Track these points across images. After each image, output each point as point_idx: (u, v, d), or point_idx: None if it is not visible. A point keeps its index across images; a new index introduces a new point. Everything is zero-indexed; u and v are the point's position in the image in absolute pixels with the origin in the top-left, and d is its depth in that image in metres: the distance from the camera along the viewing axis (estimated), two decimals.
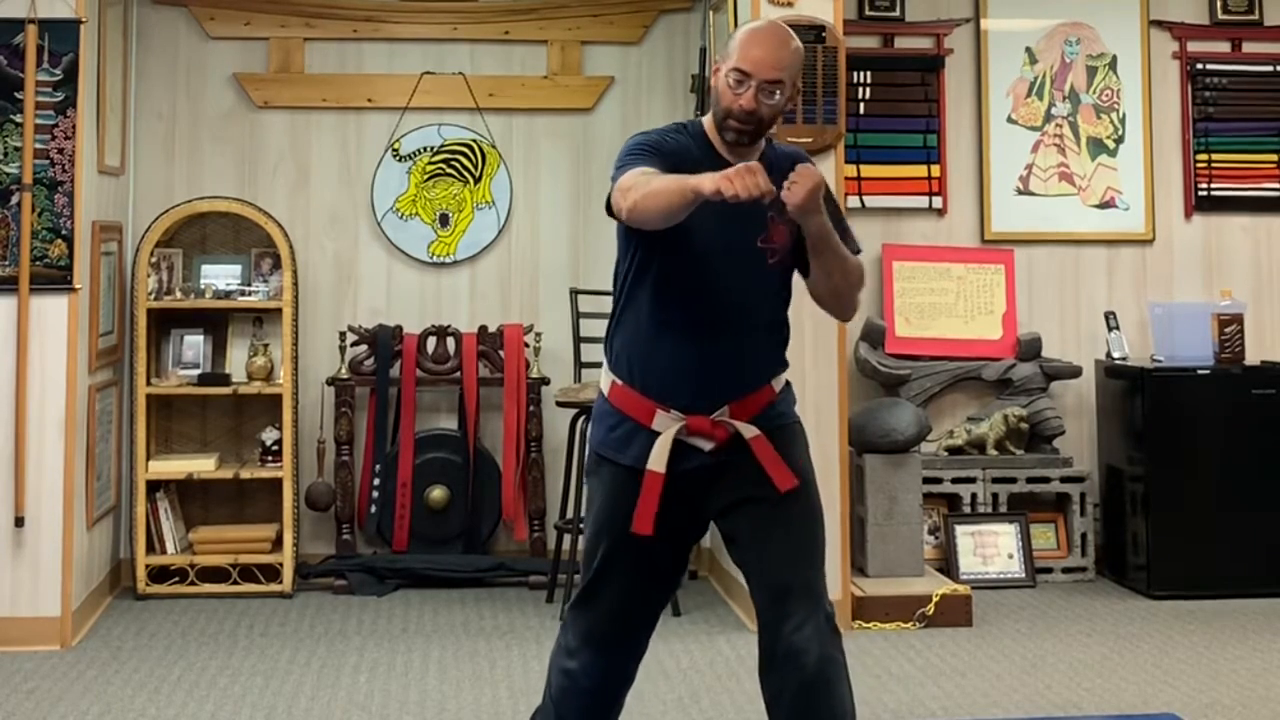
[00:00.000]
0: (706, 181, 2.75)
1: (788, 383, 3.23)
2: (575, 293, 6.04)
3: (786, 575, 3.03)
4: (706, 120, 3.18)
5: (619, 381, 3.15)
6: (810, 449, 3.24)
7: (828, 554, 3.08)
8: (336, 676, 4.70)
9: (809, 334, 5.10)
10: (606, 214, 3.06)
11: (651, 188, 2.84)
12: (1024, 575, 5.97)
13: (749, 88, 3.03)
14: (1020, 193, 6.44)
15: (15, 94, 5.09)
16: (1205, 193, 6.50)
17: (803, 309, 3.29)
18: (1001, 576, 5.95)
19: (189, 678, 4.68)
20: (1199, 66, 6.52)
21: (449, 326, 6.21)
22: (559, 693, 3.24)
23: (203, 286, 5.97)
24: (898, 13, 6.44)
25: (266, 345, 6.00)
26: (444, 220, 6.33)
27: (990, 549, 5.99)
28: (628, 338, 3.15)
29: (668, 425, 3.07)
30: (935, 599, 5.32)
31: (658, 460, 3.05)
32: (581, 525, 5.51)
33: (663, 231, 2.94)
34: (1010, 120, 6.46)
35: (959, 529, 5.99)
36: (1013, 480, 6.08)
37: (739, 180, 2.72)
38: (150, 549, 5.79)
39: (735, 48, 3.08)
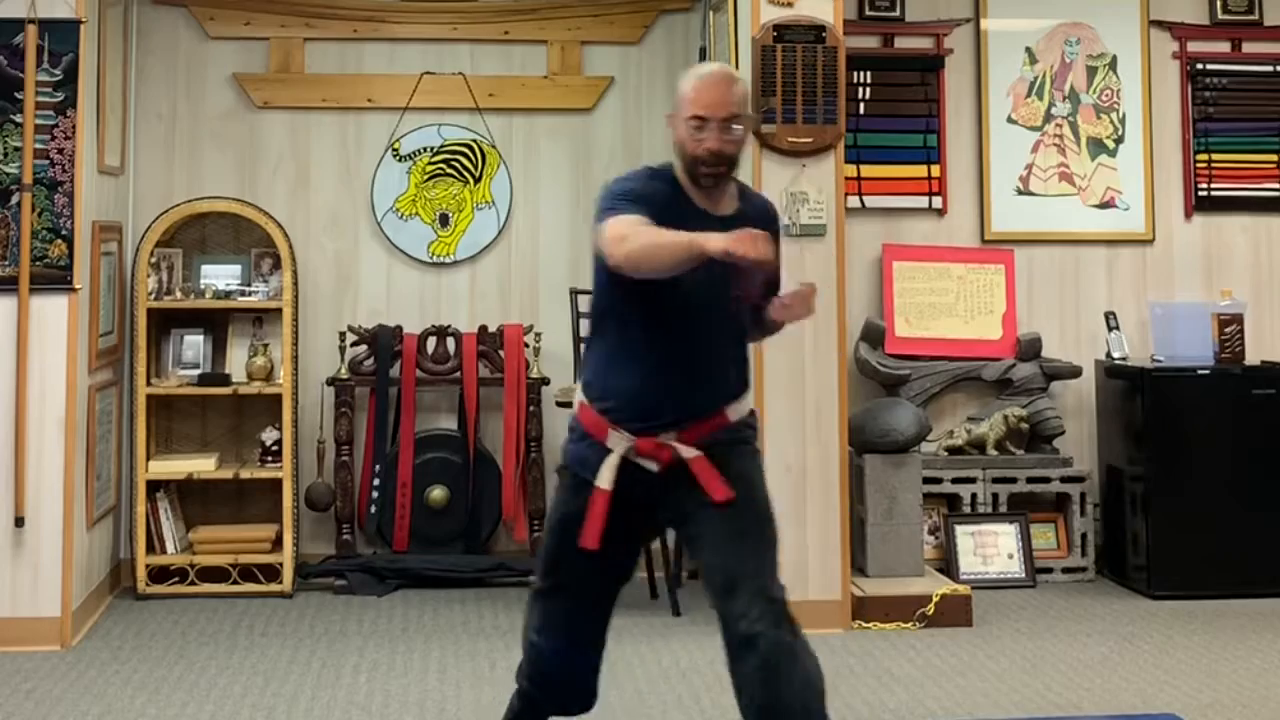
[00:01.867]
0: (714, 242, 2.91)
1: (752, 410, 3.40)
2: (575, 293, 6.04)
3: (733, 570, 3.18)
4: (678, 166, 3.31)
5: (584, 401, 3.36)
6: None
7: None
8: (336, 676, 4.70)
9: (809, 335, 5.11)
10: (595, 256, 3.21)
11: (653, 241, 3.00)
12: (1024, 575, 5.97)
13: (710, 130, 3.19)
14: (1020, 193, 6.44)
15: (15, 94, 5.09)
16: (1205, 193, 6.50)
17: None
18: (1001, 576, 5.95)
19: (189, 678, 4.68)
20: (1199, 66, 6.52)
21: (449, 326, 6.21)
22: (529, 656, 3.53)
23: (203, 286, 5.97)
24: (898, 13, 6.44)
25: (266, 345, 6.00)
26: (444, 220, 6.33)
27: (990, 549, 5.99)
28: (598, 363, 3.35)
29: (618, 444, 3.27)
30: (935, 599, 5.32)
31: (605, 478, 3.25)
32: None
33: (648, 278, 3.09)
34: (1010, 120, 6.46)
35: (959, 529, 5.99)
36: (1013, 480, 6.07)
37: (745, 244, 2.87)
38: (150, 549, 5.79)
39: (686, 98, 3.26)
